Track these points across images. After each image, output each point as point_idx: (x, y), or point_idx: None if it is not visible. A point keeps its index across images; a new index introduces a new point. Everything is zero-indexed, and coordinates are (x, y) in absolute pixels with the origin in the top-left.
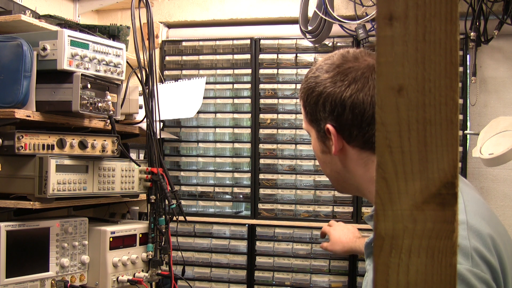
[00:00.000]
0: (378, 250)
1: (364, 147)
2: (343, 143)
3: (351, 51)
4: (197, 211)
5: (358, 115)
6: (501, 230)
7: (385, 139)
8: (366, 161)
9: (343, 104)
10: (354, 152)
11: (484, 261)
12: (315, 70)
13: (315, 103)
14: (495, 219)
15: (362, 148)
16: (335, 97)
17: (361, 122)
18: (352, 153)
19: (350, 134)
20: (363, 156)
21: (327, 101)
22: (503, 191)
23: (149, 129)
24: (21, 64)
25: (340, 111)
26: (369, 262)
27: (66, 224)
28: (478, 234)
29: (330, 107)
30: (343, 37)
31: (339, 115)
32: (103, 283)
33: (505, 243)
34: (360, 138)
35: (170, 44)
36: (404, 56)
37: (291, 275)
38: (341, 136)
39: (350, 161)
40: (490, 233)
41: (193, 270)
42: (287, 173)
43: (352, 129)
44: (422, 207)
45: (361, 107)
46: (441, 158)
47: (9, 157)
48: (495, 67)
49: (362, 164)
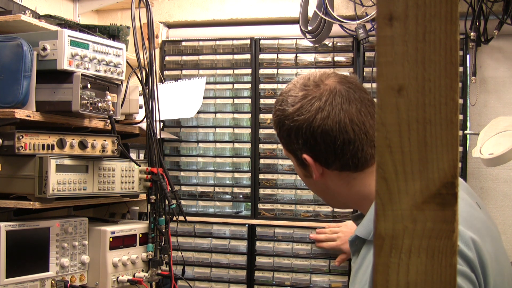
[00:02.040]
0: (378, 250)
1: (342, 169)
2: (322, 169)
3: (312, 77)
4: (197, 211)
5: (330, 144)
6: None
7: (385, 139)
8: (348, 180)
9: (313, 135)
10: (334, 175)
11: (460, 255)
12: (281, 102)
13: (288, 136)
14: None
15: (341, 170)
16: (305, 130)
17: (335, 149)
18: (332, 176)
19: (326, 161)
20: (343, 176)
21: (298, 134)
22: (503, 191)
23: (149, 129)
24: (21, 64)
25: (313, 143)
26: (353, 260)
27: (66, 224)
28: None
29: (302, 140)
30: (343, 37)
31: (312, 146)
32: (103, 283)
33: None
34: (337, 163)
35: (170, 44)
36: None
37: (291, 275)
38: (318, 163)
39: (332, 183)
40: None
41: (193, 270)
42: (287, 173)
43: (327, 156)
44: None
45: (331, 135)
46: (441, 158)
47: (9, 157)
48: (495, 67)
49: (344, 184)
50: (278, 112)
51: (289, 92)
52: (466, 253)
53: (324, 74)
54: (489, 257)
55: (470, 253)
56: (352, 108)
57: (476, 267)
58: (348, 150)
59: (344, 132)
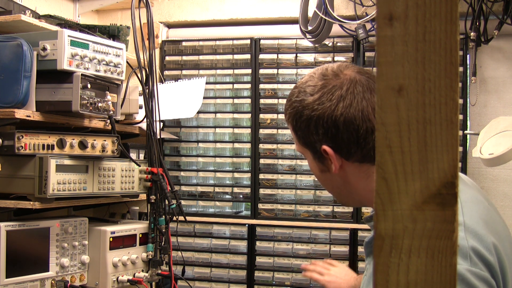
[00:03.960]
0: (378, 250)
1: (363, 161)
2: (342, 160)
3: (329, 68)
4: (197, 211)
5: (353, 132)
6: (501, 229)
7: (385, 139)
8: (367, 173)
9: (335, 124)
10: (354, 167)
11: (482, 260)
12: (297, 94)
13: (306, 127)
14: (496, 218)
15: (361, 162)
16: (326, 118)
17: (357, 138)
18: (351, 168)
19: (348, 152)
20: (364, 169)
21: (318, 124)
22: (503, 191)
23: (149, 129)
24: (21, 64)
25: (335, 132)
26: (368, 261)
27: (66, 224)
28: (475, 235)
29: (323, 130)
30: (343, 37)
31: (333, 135)
32: (103, 283)
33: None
34: (359, 153)
35: (170, 44)
36: (404, 56)
37: (291, 275)
38: (339, 154)
39: (351, 176)
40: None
41: (193, 270)
42: (287, 173)
43: (349, 146)
44: (422, 207)
45: (354, 123)
46: (441, 158)
47: (9, 157)
48: (495, 67)
49: (364, 177)
50: (295, 103)
51: (307, 83)
52: (488, 259)
53: (341, 65)
54: (508, 260)
55: (492, 258)
56: (374, 98)
57: (496, 272)
58: (371, 140)
59: (367, 121)
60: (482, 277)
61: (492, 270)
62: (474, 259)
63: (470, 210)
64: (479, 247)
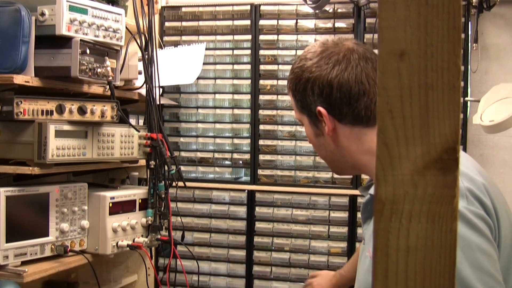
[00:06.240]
0: (378, 215)
1: (355, 123)
2: (334, 122)
3: (330, 39)
4: (196, 177)
5: (345, 93)
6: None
7: (386, 104)
8: (359, 135)
9: (330, 84)
10: (346, 129)
11: (477, 199)
12: (299, 61)
13: (304, 89)
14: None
15: (353, 124)
16: (322, 79)
17: (349, 99)
18: (344, 131)
19: (340, 112)
20: (355, 131)
21: (314, 84)
22: (503, 158)
23: (148, 95)
24: (19, 29)
25: (328, 92)
26: (365, 227)
27: (65, 189)
28: (470, 179)
29: (318, 90)
30: (343, 3)
31: (327, 96)
32: (103, 248)
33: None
34: (350, 114)
35: (170, 10)
36: (406, 20)
37: (290, 240)
38: (332, 116)
39: (344, 139)
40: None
41: (193, 235)
42: (287, 139)
43: (341, 107)
44: (423, 172)
45: (347, 85)
46: (443, 123)
47: (8, 123)
48: (497, 34)
49: (355, 139)
50: (296, 69)
51: (308, 51)
52: (482, 198)
53: (341, 38)
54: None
55: (485, 198)
56: (369, 65)
57: (490, 210)
58: (362, 101)
59: (359, 83)
60: (479, 215)
61: (486, 209)
62: (470, 198)
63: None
64: (474, 189)
